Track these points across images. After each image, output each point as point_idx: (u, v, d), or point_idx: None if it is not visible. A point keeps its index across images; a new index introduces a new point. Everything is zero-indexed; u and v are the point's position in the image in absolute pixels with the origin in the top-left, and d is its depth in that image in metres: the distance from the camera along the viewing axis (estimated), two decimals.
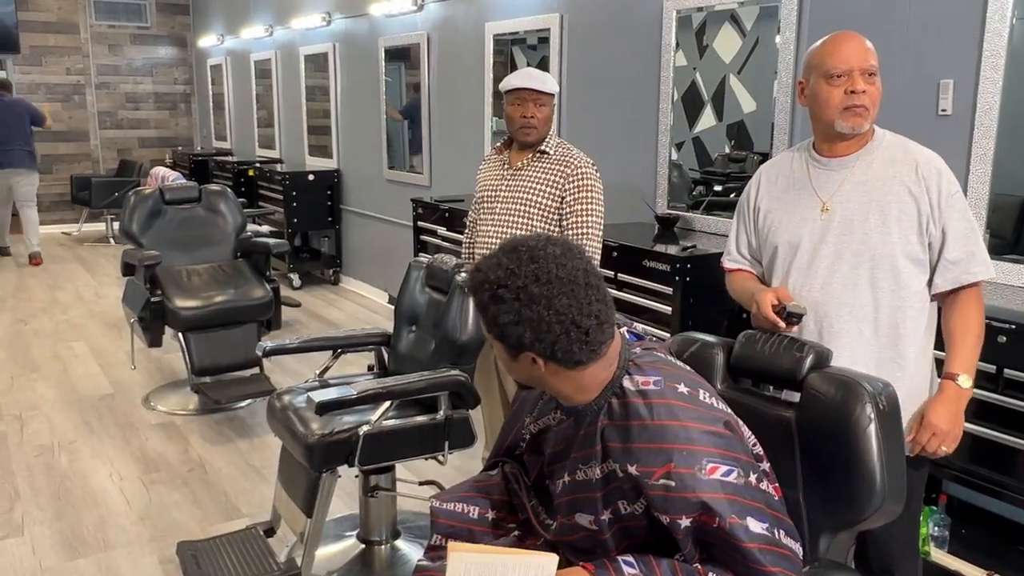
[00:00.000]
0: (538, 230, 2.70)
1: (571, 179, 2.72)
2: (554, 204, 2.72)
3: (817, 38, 1.95)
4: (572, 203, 2.71)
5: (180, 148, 10.14)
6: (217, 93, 9.85)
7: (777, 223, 2.01)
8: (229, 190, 4.73)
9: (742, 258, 2.13)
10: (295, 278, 6.93)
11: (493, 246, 2.72)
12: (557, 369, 1.36)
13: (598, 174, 2.78)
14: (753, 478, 1.34)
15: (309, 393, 2.38)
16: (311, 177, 6.92)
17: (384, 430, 2.49)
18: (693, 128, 3.58)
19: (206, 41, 9.79)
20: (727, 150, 3.59)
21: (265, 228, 7.22)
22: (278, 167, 7.67)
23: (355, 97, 6.63)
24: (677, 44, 3.70)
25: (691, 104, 3.55)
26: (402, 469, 2.91)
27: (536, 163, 2.78)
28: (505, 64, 4.78)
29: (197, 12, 10.36)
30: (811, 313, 1.92)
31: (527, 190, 2.75)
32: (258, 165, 7.70)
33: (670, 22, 3.70)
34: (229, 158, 8.63)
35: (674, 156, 3.74)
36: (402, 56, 5.90)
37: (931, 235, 1.86)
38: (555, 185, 2.73)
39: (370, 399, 2.39)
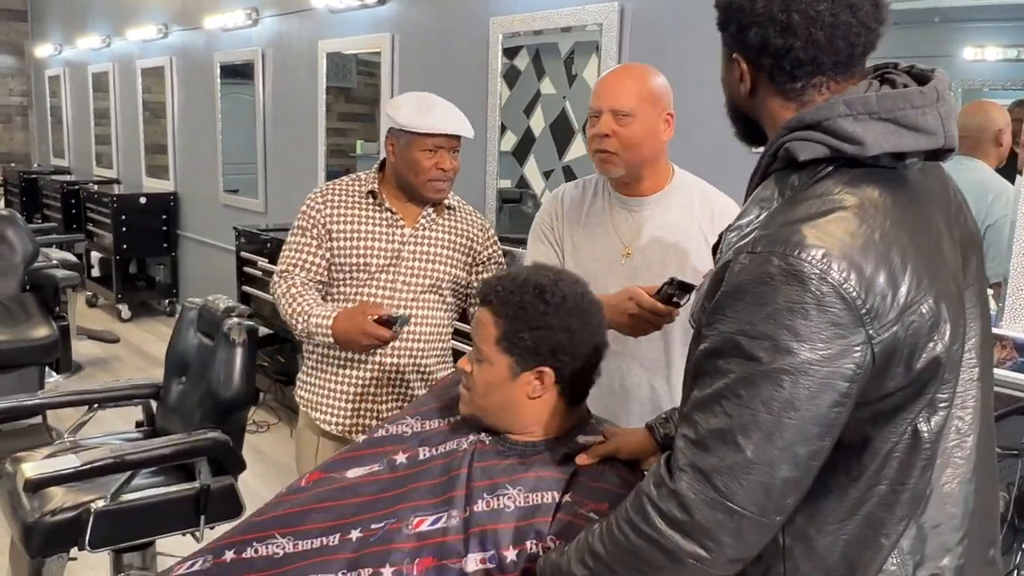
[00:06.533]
0: (449, 303, 2.15)
1: (487, 231, 2.18)
2: (463, 273, 2.13)
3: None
4: (487, 259, 2.18)
5: (13, 164, 9.29)
6: (55, 106, 9.10)
7: (572, 260, 1.83)
8: (18, 215, 4.23)
9: None
10: (124, 309, 6.35)
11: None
12: (551, 396, 1.41)
13: None
14: None
15: (22, 465, 2.00)
16: (143, 200, 6.39)
17: (124, 505, 2.13)
18: (563, 156, 3.42)
19: (44, 50, 9.05)
20: None
21: (104, 256, 6.62)
22: (114, 188, 7.09)
23: (192, 115, 6.17)
24: (509, 70, 3.51)
25: (561, 132, 3.40)
26: (165, 542, 2.52)
27: (444, 220, 2.12)
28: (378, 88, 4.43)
29: (36, 19, 9.58)
30: (603, 366, 1.73)
31: (438, 258, 2.08)
32: (91, 186, 7.09)
33: (496, 48, 3.51)
34: (65, 177, 7.94)
35: (540, 184, 3.54)
36: (239, 73, 5.51)
37: None
38: (464, 248, 2.12)
39: (98, 472, 2.02)
